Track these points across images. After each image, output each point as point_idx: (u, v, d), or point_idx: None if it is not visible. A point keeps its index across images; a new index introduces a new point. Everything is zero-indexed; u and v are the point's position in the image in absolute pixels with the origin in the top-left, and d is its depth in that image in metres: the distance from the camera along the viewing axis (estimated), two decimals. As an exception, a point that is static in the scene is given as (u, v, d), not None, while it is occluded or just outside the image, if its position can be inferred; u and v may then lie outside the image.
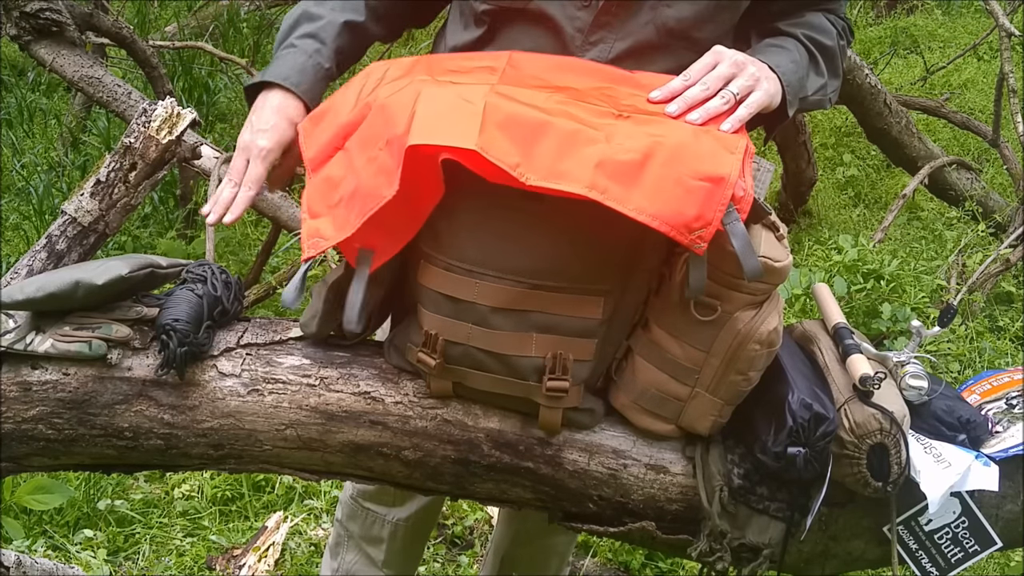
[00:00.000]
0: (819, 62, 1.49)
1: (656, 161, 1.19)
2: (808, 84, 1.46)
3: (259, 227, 4.16)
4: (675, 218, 1.17)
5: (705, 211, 1.17)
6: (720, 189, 1.18)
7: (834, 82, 1.52)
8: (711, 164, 1.19)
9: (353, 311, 1.28)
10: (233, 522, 2.66)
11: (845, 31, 1.57)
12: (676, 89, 1.30)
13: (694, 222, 1.17)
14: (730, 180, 1.18)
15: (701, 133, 1.24)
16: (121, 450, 1.44)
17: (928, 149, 4.03)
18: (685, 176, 1.18)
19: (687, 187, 1.18)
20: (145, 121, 1.54)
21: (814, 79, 1.48)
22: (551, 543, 2.12)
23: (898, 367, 1.43)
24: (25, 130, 4.89)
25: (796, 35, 1.48)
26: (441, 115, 1.20)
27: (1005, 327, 3.39)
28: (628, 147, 1.19)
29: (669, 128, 1.24)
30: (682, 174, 1.18)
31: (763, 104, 1.33)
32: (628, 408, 1.40)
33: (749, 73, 1.33)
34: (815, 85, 1.48)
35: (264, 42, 5.41)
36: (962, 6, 6.61)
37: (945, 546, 1.40)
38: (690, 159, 1.20)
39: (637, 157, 1.19)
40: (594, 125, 1.22)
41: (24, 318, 1.40)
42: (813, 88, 1.47)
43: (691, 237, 1.17)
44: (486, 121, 1.19)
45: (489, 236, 1.27)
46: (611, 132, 1.21)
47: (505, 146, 1.18)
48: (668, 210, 1.17)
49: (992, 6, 3.77)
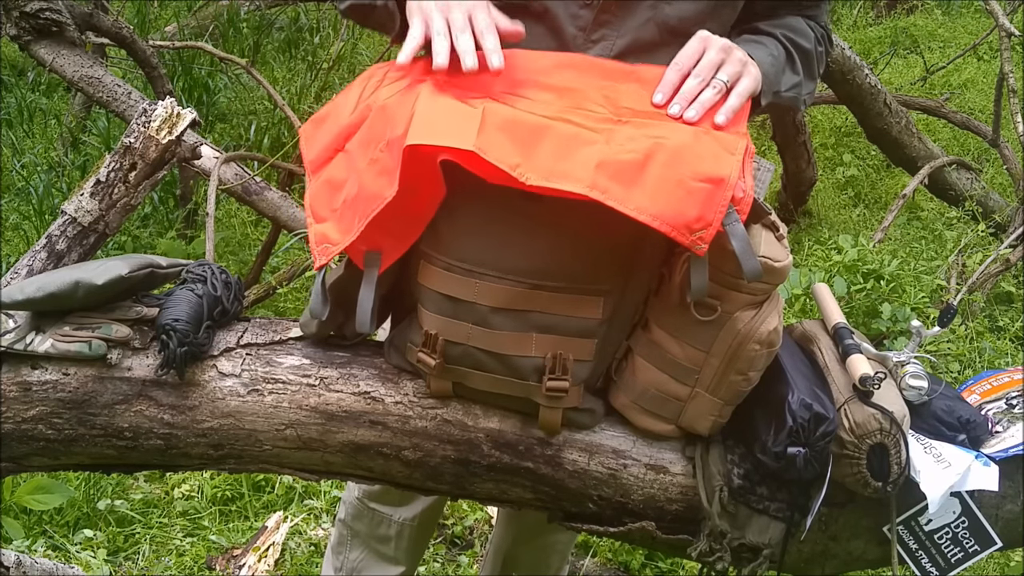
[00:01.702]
0: (795, 61, 1.50)
1: (657, 162, 1.19)
2: (783, 80, 1.47)
3: (259, 227, 4.16)
4: (676, 219, 1.17)
5: (706, 212, 1.18)
6: (720, 190, 1.18)
7: (809, 84, 1.54)
8: (712, 165, 1.20)
9: (365, 314, 1.29)
10: (233, 522, 2.66)
11: (824, 38, 1.58)
12: (674, 83, 1.30)
13: (695, 223, 1.17)
14: (730, 181, 1.19)
15: (701, 134, 1.25)
16: (121, 450, 1.44)
17: (928, 149, 4.03)
18: (686, 177, 1.18)
19: (688, 188, 1.18)
20: (145, 121, 1.54)
21: (789, 76, 1.49)
22: (551, 542, 2.12)
23: (898, 367, 1.43)
24: (25, 130, 4.89)
25: (775, 34, 1.49)
26: (440, 116, 1.20)
27: (1005, 327, 3.38)
28: (629, 148, 1.20)
29: (669, 129, 1.25)
30: (683, 175, 1.19)
31: (752, 91, 1.34)
32: (628, 408, 1.40)
33: (737, 59, 1.33)
34: (789, 82, 1.49)
35: (264, 42, 5.41)
36: (962, 6, 6.61)
37: (945, 546, 1.40)
38: (691, 160, 1.20)
39: (638, 158, 1.19)
40: (594, 129, 1.22)
41: (24, 318, 1.40)
42: (787, 85, 1.48)
43: (692, 238, 1.18)
44: (485, 122, 1.19)
45: (489, 236, 1.28)
46: (611, 135, 1.22)
47: (505, 147, 1.18)
48: (669, 211, 1.17)
49: (992, 6, 3.77)
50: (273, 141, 4.49)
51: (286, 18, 5.69)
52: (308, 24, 5.55)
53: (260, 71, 4.54)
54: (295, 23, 5.63)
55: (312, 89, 4.86)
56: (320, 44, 5.35)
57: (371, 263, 1.29)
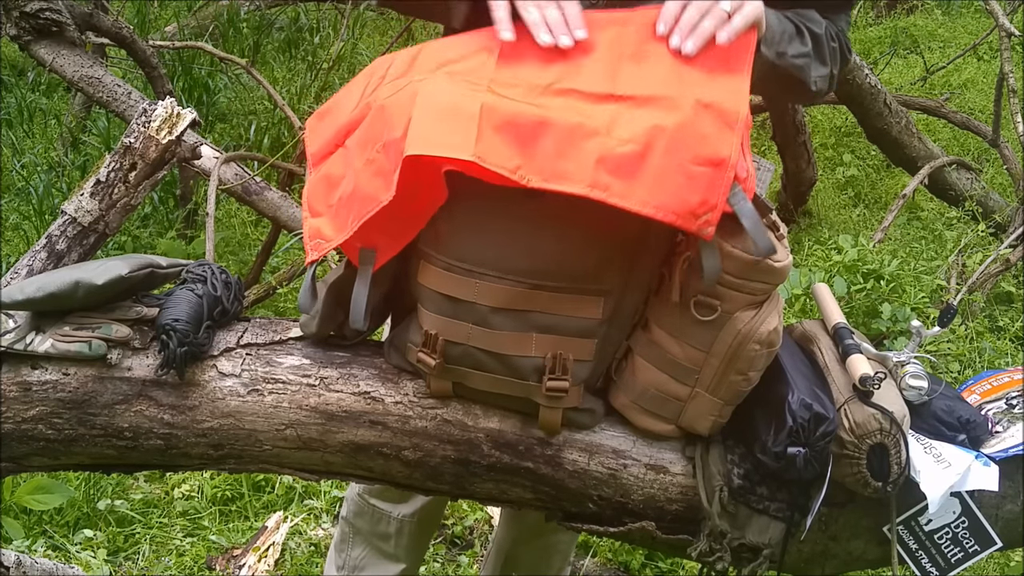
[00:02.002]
0: (804, 35, 1.49)
1: (657, 150, 1.18)
2: (789, 45, 1.45)
3: (259, 227, 4.16)
4: (680, 207, 1.17)
5: (709, 195, 1.18)
6: (722, 172, 1.18)
7: (820, 66, 1.52)
8: (712, 146, 1.19)
9: (359, 310, 1.29)
10: (233, 522, 2.66)
11: (837, 38, 1.57)
12: (675, 14, 1.27)
13: (699, 208, 1.17)
14: (731, 161, 1.18)
15: (701, 109, 1.22)
16: (121, 450, 1.44)
17: (928, 149, 4.02)
18: (687, 162, 1.18)
19: (689, 174, 1.18)
20: (145, 121, 1.54)
21: (797, 45, 1.47)
22: (553, 542, 2.12)
23: (898, 367, 1.43)
24: (25, 130, 4.89)
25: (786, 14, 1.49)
26: (437, 121, 1.20)
27: (1005, 327, 3.38)
28: (628, 137, 1.19)
29: (668, 108, 1.22)
30: (684, 160, 1.18)
31: (756, 16, 1.30)
32: (628, 408, 1.40)
33: None
34: (797, 50, 1.47)
35: (264, 42, 5.41)
36: (962, 6, 6.61)
37: (945, 546, 1.40)
38: (691, 142, 1.19)
39: (638, 148, 1.18)
40: (594, 115, 1.21)
41: (24, 318, 1.40)
42: (795, 52, 1.46)
43: (698, 223, 1.18)
44: (483, 126, 1.18)
45: (489, 236, 1.28)
46: (612, 121, 1.20)
47: (503, 150, 1.18)
48: (672, 200, 1.17)
49: (992, 6, 3.77)
50: (273, 141, 4.49)
51: (286, 18, 5.69)
52: (308, 24, 5.55)
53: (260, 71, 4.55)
54: (295, 23, 5.63)
55: (312, 89, 4.86)
56: (320, 44, 5.35)
57: (366, 260, 1.30)
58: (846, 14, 1.58)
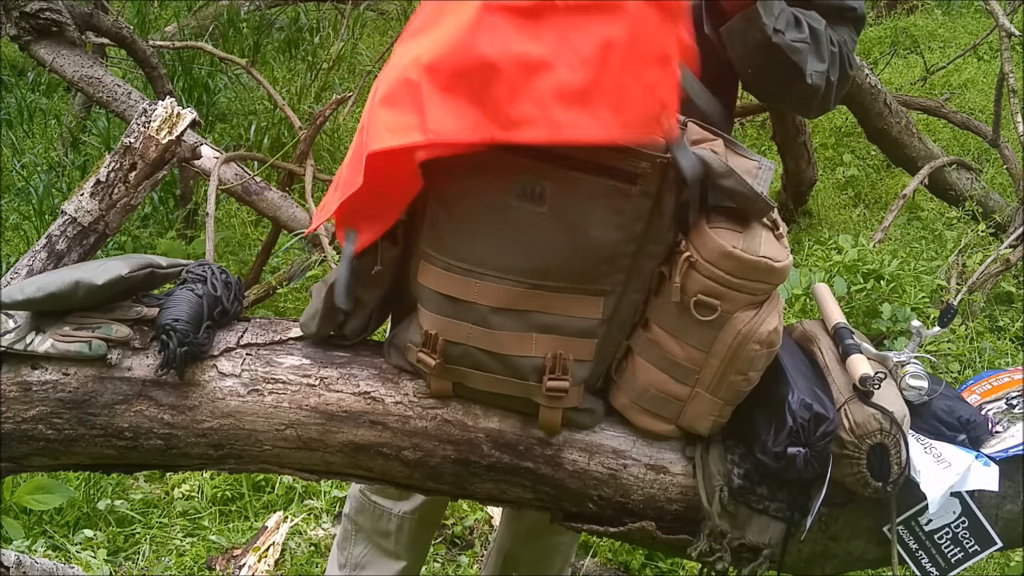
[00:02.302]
0: (802, 25, 1.49)
1: (612, 68, 1.17)
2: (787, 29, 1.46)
3: (259, 227, 4.16)
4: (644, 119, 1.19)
5: (665, 95, 1.20)
6: (671, 67, 1.20)
7: (817, 62, 1.52)
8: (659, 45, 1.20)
9: (340, 286, 1.30)
10: (233, 522, 2.66)
11: (840, 45, 1.57)
12: None
13: (660, 111, 1.20)
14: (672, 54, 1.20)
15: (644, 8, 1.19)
16: (121, 450, 1.44)
17: (928, 149, 4.02)
18: (641, 70, 1.18)
19: (644, 82, 1.18)
20: (145, 121, 1.54)
21: (795, 32, 1.48)
22: (554, 542, 2.12)
23: (898, 367, 1.43)
24: (25, 130, 4.89)
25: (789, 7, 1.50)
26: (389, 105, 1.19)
27: (1005, 327, 3.38)
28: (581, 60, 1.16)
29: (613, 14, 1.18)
30: (638, 69, 1.18)
31: None
32: (628, 408, 1.40)
33: None
34: (795, 36, 1.48)
35: (264, 42, 5.41)
36: (962, 6, 6.61)
37: (945, 546, 1.40)
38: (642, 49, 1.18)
39: (591, 73, 1.16)
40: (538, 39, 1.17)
41: (24, 318, 1.40)
42: (793, 37, 1.48)
43: (664, 128, 1.20)
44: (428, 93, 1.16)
45: (489, 236, 1.28)
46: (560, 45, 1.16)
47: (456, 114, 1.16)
48: (636, 115, 1.19)
49: (992, 6, 3.77)
50: (273, 141, 4.49)
51: (286, 18, 5.70)
52: (308, 24, 5.55)
53: (260, 71, 4.55)
54: (295, 23, 5.63)
55: (312, 89, 4.86)
56: (320, 44, 5.35)
57: (349, 240, 1.31)
58: (850, 31, 1.58)
